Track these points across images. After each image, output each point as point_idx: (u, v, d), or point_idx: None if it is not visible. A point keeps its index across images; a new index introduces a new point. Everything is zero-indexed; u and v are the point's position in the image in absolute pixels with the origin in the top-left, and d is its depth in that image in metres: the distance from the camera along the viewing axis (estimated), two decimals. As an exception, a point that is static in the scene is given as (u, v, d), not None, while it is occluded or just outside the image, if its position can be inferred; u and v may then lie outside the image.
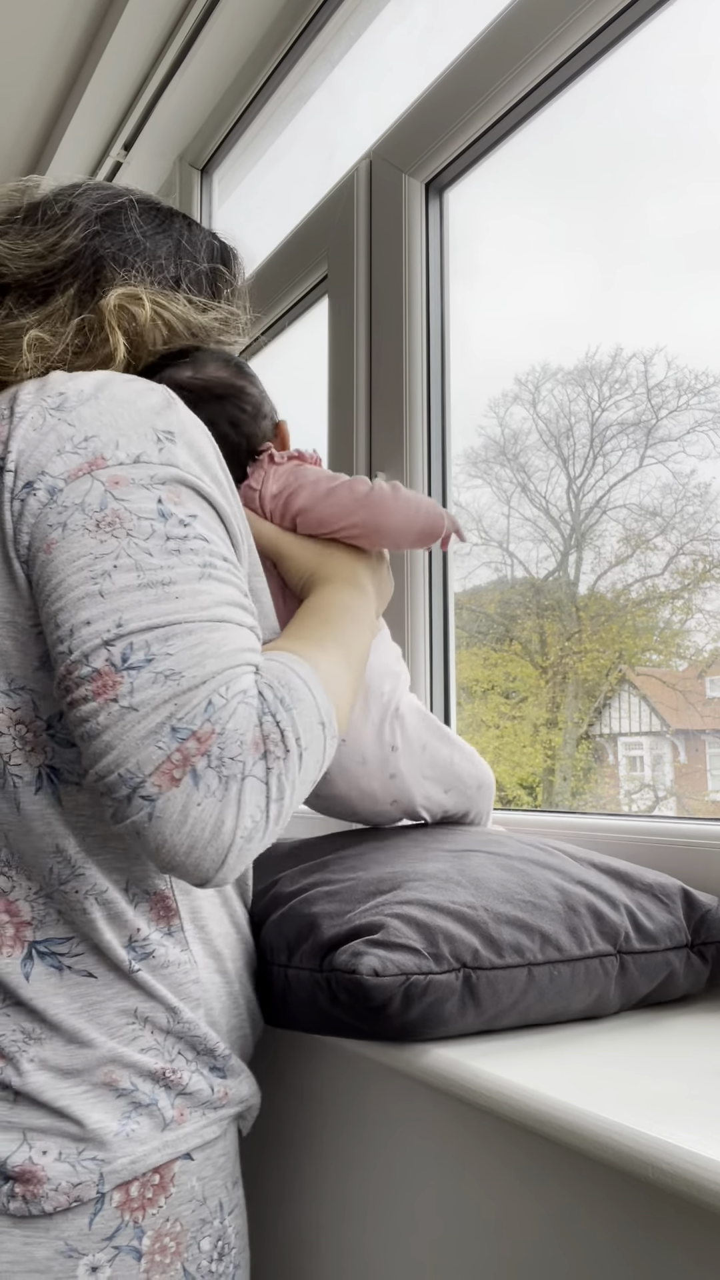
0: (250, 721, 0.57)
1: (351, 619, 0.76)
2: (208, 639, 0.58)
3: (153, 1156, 0.63)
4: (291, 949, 0.73)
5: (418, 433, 1.27)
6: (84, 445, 0.63)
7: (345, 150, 1.50)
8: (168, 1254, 0.62)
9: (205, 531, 0.63)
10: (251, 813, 0.56)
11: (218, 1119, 0.67)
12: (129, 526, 0.60)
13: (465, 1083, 0.61)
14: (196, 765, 0.54)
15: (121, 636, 0.57)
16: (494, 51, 1.18)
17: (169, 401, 0.68)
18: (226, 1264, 0.66)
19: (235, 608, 0.62)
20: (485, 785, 0.94)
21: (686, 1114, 0.54)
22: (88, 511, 0.60)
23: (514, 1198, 0.65)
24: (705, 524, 1.04)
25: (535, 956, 0.69)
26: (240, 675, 0.58)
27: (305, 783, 0.60)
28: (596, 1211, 0.59)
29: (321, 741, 0.62)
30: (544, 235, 1.26)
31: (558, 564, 1.23)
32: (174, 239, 0.84)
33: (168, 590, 0.59)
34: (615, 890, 0.77)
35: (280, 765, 0.57)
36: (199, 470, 0.66)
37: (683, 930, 0.76)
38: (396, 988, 0.64)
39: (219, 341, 0.87)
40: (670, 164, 1.09)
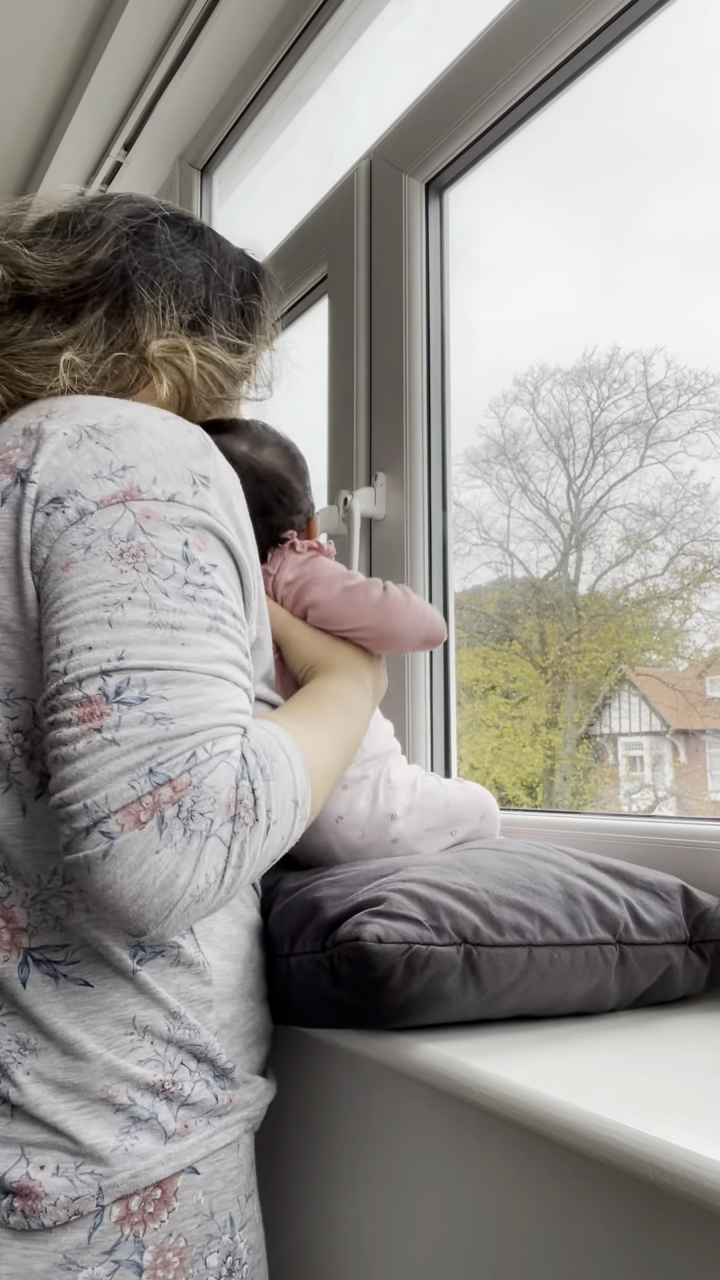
0: (228, 782, 0.56)
1: (344, 709, 0.77)
2: (205, 692, 0.58)
3: (155, 1170, 0.62)
4: (294, 936, 0.73)
5: (418, 433, 1.27)
6: (121, 474, 0.63)
7: (345, 150, 1.51)
8: (171, 1270, 0.61)
9: (222, 583, 0.64)
10: (207, 873, 0.55)
11: (224, 1126, 0.66)
12: (151, 562, 0.60)
13: (465, 1082, 0.62)
14: (165, 813, 0.53)
15: (120, 670, 0.56)
16: (494, 51, 1.18)
17: (207, 447, 0.68)
18: (238, 1279, 0.65)
19: (235, 667, 0.62)
20: (488, 812, 0.94)
21: (686, 1114, 0.54)
22: (114, 539, 0.60)
23: (514, 1197, 0.65)
24: (705, 524, 1.04)
25: (535, 938, 0.69)
26: (228, 734, 0.58)
27: (267, 856, 0.59)
28: (596, 1211, 0.59)
29: (291, 819, 0.61)
30: (543, 235, 1.26)
31: (558, 564, 1.23)
32: (203, 258, 0.84)
33: (175, 634, 0.59)
34: (615, 885, 0.77)
35: (246, 832, 0.56)
36: (227, 520, 0.66)
37: (682, 926, 0.76)
38: (399, 956, 0.64)
39: (248, 382, 0.88)
40: (671, 164, 1.09)
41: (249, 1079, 0.70)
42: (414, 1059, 0.66)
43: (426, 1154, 0.72)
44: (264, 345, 0.88)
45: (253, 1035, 0.72)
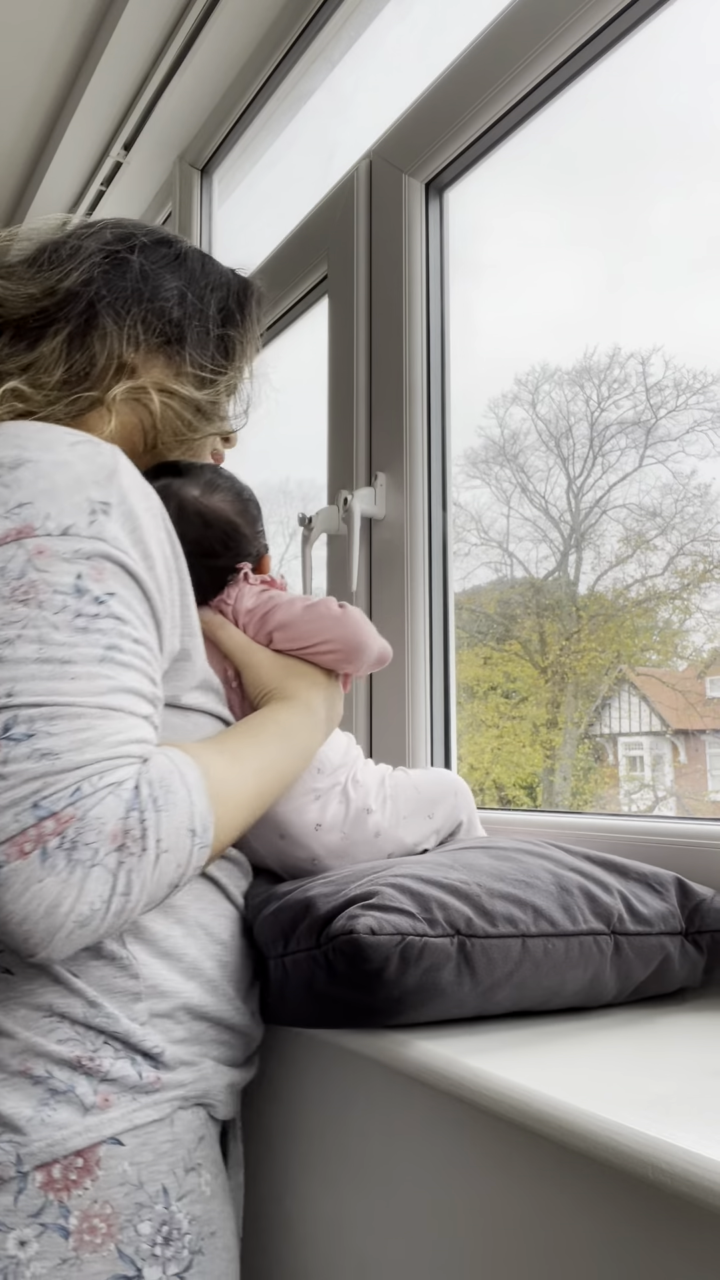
0: (115, 813, 0.58)
1: (284, 740, 0.78)
2: (95, 725, 0.60)
3: (73, 1140, 0.64)
4: (287, 936, 0.73)
5: (418, 433, 1.27)
6: (16, 512, 0.64)
7: (345, 150, 1.51)
8: (98, 1234, 0.64)
9: (121, 610, 0.65)
10: (91, 900, 0.57)
11: (152, 1103, 0.68)
12: (42, 599, 0.62)
13: (463, 1081, 0.62)
14: (48, 844, 0.56)
15: (9, 707, 0.59)
16: (494, 51, 1.18)
17: (113, 471, 0.68)
18: (178, 1248, 0.67)
19: (132, 695, 0.63)
20: (458, 789, 0.96)
21: (686, 1114, 0.54)
22: (6, 578, 0.62)
23: (513, 1197, 0.65)
24: (705, 524, 1.04)
25: (529, 928, 0.70)
26: (118, 767, 0.60)
27: (161, 884, 0.61)
28: (595, 1211, 0.59)
29: (188, 847, 0.62)
30: (543, 235, 1.26)
31: (557, 564, 1.23)
32: (181, 283, 0.84)
33: (65, 669, 0.60)
34: (608, 877, 0.78)
35: (133, 861, 0.58)
36: (128, 544, 0.67)
37: (677, 917, 0.76)
38: (393, 947, 0.64)
39: (220, 415, 0.87)
40: (672, 164, 1.09)
41: (191, 1062, 0.71)
42: (412, 1057, 0.66)
43: (424, 1153, 0.72)
44: (239, 376, 0.87)
45: (210, 1024, 0.73)
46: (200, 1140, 0.71)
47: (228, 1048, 0.75)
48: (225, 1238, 0.71)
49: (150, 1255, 0.65)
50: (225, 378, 0.85)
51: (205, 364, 0.83)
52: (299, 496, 1.65)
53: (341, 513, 1.29)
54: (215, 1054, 0.74)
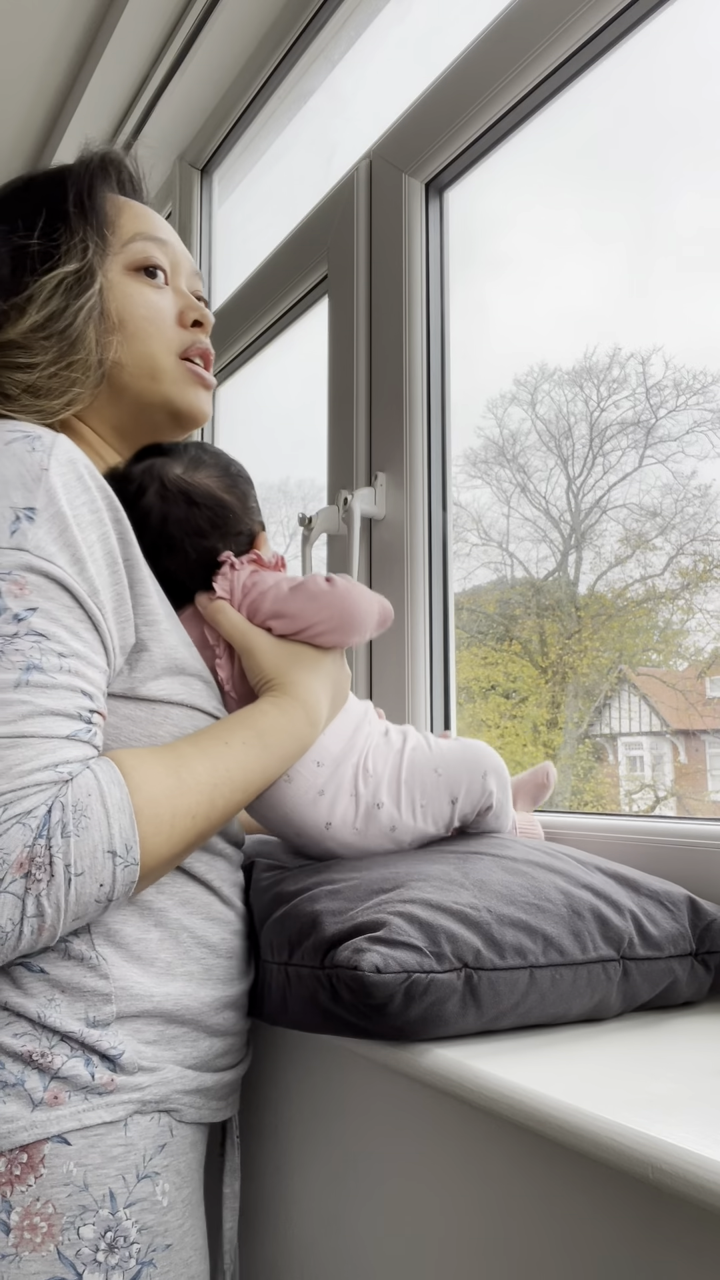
0: (20, 842, 0.60)
1: (255, 746, 0.75)
2: (3, 757, 0.61)
3: (19, 1135, 0.64)
4: (293, 946, 0.73)
5: (418, 433, 1.27)
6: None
7: (345, 150, 1.51)
8: (38, 1233, 0.63)
9: (44, 625, 0.64)
10: (1, 924, 0.59)
11: (105, 1105, 0.67)
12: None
13: (466, 1083, 0.61)
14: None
15: None
16: (494, 51, 1.18)
17: (41, 469, 0.67)
18: (123, 1257, 0.65)
19: (52, 717, 0.63)
20: (490, 768, 0.88)
21: (686, 1114, 0.54)
22: None
23: (514, 1198, 0.65)
24: (705, 524, 1.04)
25: (538, 959, 0.69)
26: (25, 797, 0.61)
27: (85, 903, 0.62)
28: (596, 1211, 0.59)
29: (109, 869, 0.63)
30: (543, 235, 1.26)
31: (557, 564, 1.23)
32: (1, 228, 0.80)
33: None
34: (621, 895, 0.77)
35: (40, 887, 0.60)
36: (55, 550, 0.66)
37: (687, 938, 0.76)
38: (398, 985, 0.64)
39: (69, 313, 0.78)
40: (672, 163, 1.09)
41: (152, 1067, 0.70)
42: (415, 1061, 0.66)
43: (425, 1154, 0.72)
44: (64, 265, 0.78)
45: (182, 1028, 0.72)
46: (161, 1148, 0.69)
47: (202, 1052, 0.74)
48: (185, 1252, 0.69)
49: (92, 1260, 0.64)
50: (32, 291, 0.77)
51: (19, 291, 0.77)
52: (299, 496, 1.65)
53: (341, 513, 1.29)
54: (186, 1059, 0.73)
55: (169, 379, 0.84)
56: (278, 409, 1.75)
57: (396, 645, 1.25)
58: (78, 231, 0.80)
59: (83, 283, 0.78)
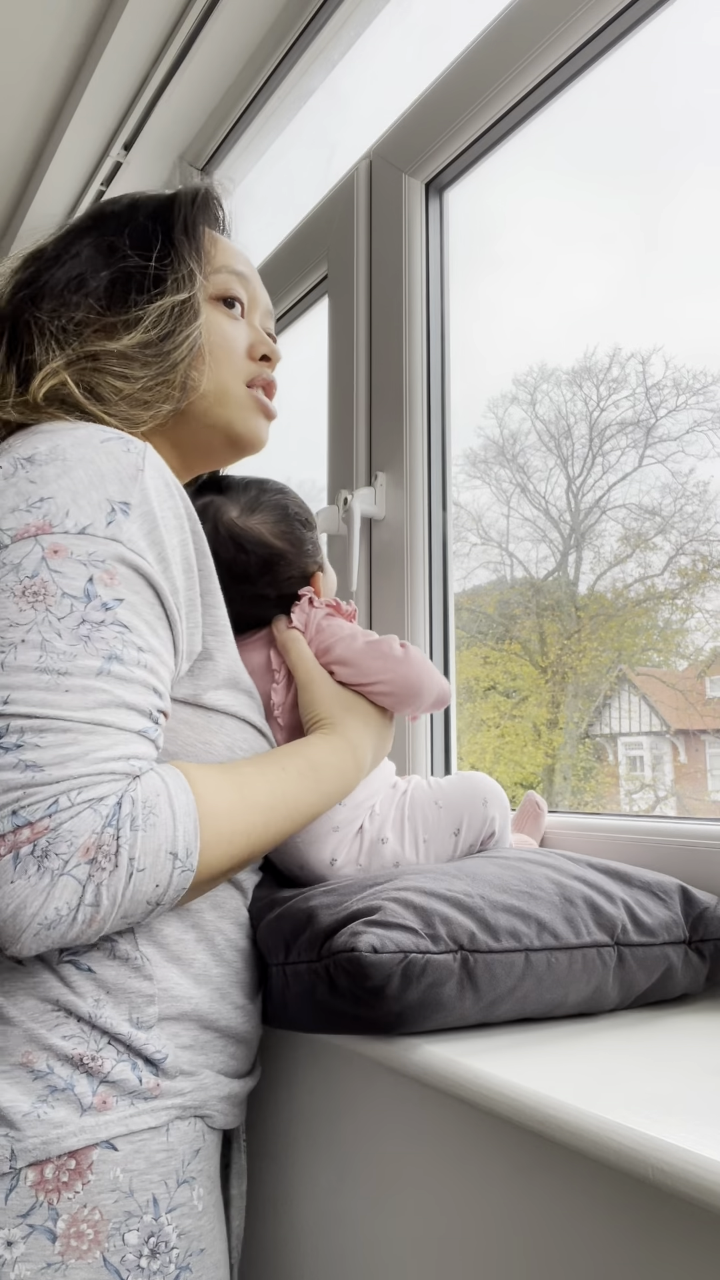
0: (89, 828, 0.60)
1: (309, 778, 0.76)
2: (80, 741, 0.61)
3: (68, 1140, 0.63)
4: (289, 945, 0.73)
5: (418, 433, 1.27)
6: (38, 505, 0.65)
7: (345, 150, 1.51)
8: (85, 1240, 0.63)
9: (128, 617, 0.65)
10: (58, 906, 0.59)
11: (150, 1110, 0.67)
12: (50, 602, 0.63)
13: (465, 1082, 0.62)
14: (21, 850, 0.58)
15: (3, 715, 0.60)
16: (494, 51, 1.18)
17: (137, 471, 0.69)
18: (164, 1262, 0.66)
19: (127, 710, 0.64)
20: (489, 797, 0.89)
21: (686, 1114, 0.54)
22: (20, 575, 0.63)
23: (514, 1197, 0.65)
24: (705, 524, 1.04)
25: (532, 942, 0.69)
26: (99, 783, 0.61)
27: (137, 902, 0.62)
28: (596, 1211, 0.59)
29: (168, 870, 0.63)
30: (542, 236, 1.26)
31: (557, 564, 1.23)
32: (96, 242, 0.81)
33: (61, 680, 0.62)
34: (612, 886, 0.77)
35: (103, 876, 0.60)
36: (145, 547, 0.67)
37: (681, 926, 0.76)
38: (395, 965, 0.64)
39: (171, 336, 0.80)
40: (673, 163, 1.09)
41: (191, 1072, 0.70)
42: (413, 1059, 0.66)
43: (425, 1154, 0.72)
44: (173, 294, 0.80)
45: (215, 1033, 0.73)
46: (196, 1153, 0.70)
47: (230, 1058, 0.75)
48: (215, 1255, 0.70)
49: (136, 1267, 0.64)
50: (147, 310, 0.79)
51: (124, 307, 0.79)
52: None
53: (341, 513, 1.29)
54: (216, 1064, 0.73)
55: (235, 404, 0.86)
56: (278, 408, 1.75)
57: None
58: (187, 261, 0.82)
59: (188, 313, 0.81)
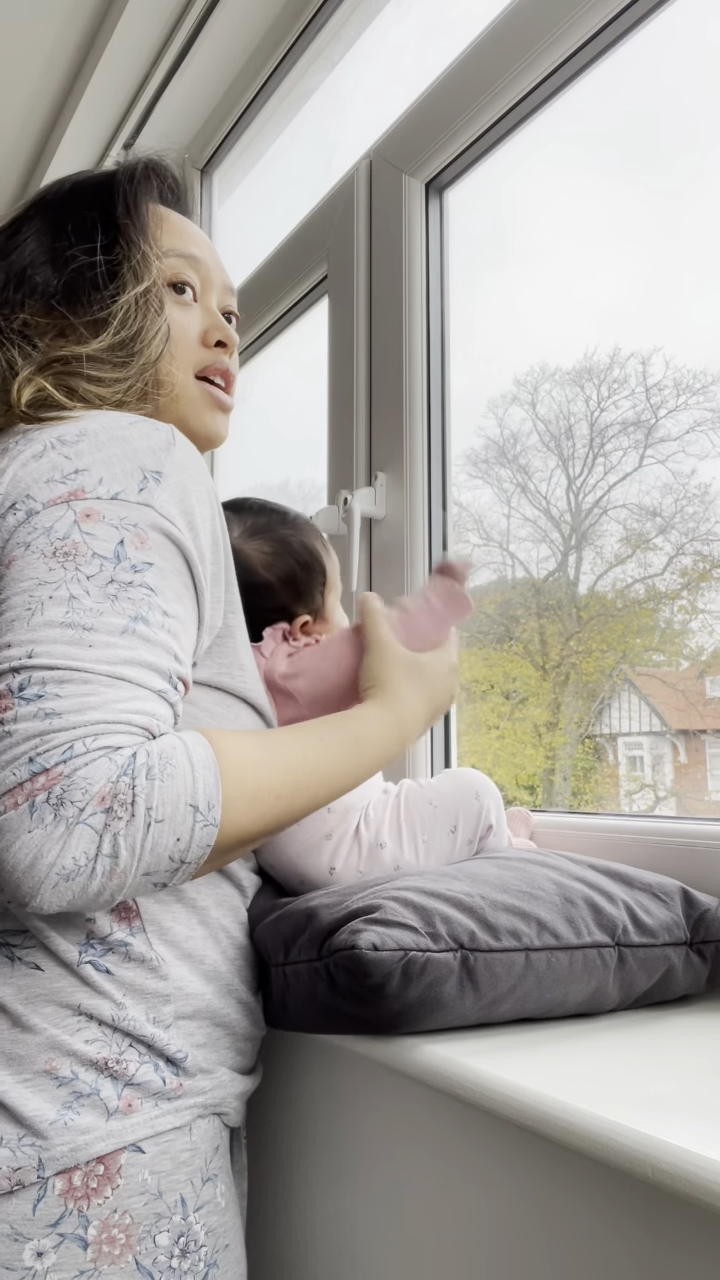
0: (104, 775, 0.58)
1: (355, 754, 0.73)
2: (100, 692, 0.60)
3: (96, 1146, 0.63)
4: (289, 945, 0.73)
5: (418, 433, 1.27)
6: (72, 476, 0.66)
7: (345, 150, 1.51)
8: (117, 1245, 0.63)
9: (155, 581, 0.65)
10: (75, 855, 0.57)
11: (173, 1110, 0.67)
12: (79, 561, 0.63)
13: (464, 1082, 0.62)
14: (36, 798, 0.57)
15: (26, 668, 0.60)
16: (494, 51, 1.18)
17: (169, 444, 0.69)
18: (194, 1261, 0.66)
19: (147, 670, 0.63)
20: (482, 790, 0.90)
21: (686, 1114, 0.54)
22: (51, 537, 0.64)
23: (514, 1197, 0.65)
24: (705, 524, 1.04)
25: (532, 942, 0.69)
26: (115, 732, 0.60)
27: (158, 855, 0.59)
28: (596, 1211, 0.59)
29: (189, 824, 0.60)
30: (543, 235, 1.26)
31: (558, 564, 1.23)
32: (38, 240, 0.79)
33: (85, 635, 0.61)
34: (613, 887, 0.77)
35: (120, 825, 0.57)
36: (176, 514, 0.67)
37: (681, 927, 0.76)
38: (395, 963, 0.64)
39: (143, 342, 0.77)
40: (674, 162, 1.09)
41: (209, 1069, 0.70)
42: (413, 1059, 0.66)
43: (425, 1154, 0.72)
44: (134, 285, 0.77)
45: (224, 1030, 0.73)
46: (216, 1150, 0.70)
47: (238, 1054, 0.75)
48: (237, 1250, 0.71)
49: (168, 1268, 0.64)
50: (114, 308, 0.76)
51: (88, 308, 0.76)
52: (299, 496, 1.65)
53: (341, 513, 1.29)
54: (228, 1061, 0.73)
55: (185, 400, 0.83)
56: (278, 409, 1.75)
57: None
58: (139, 244, 0.79)
59: (154, 304, 0.78)
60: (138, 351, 0.77)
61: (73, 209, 0.81)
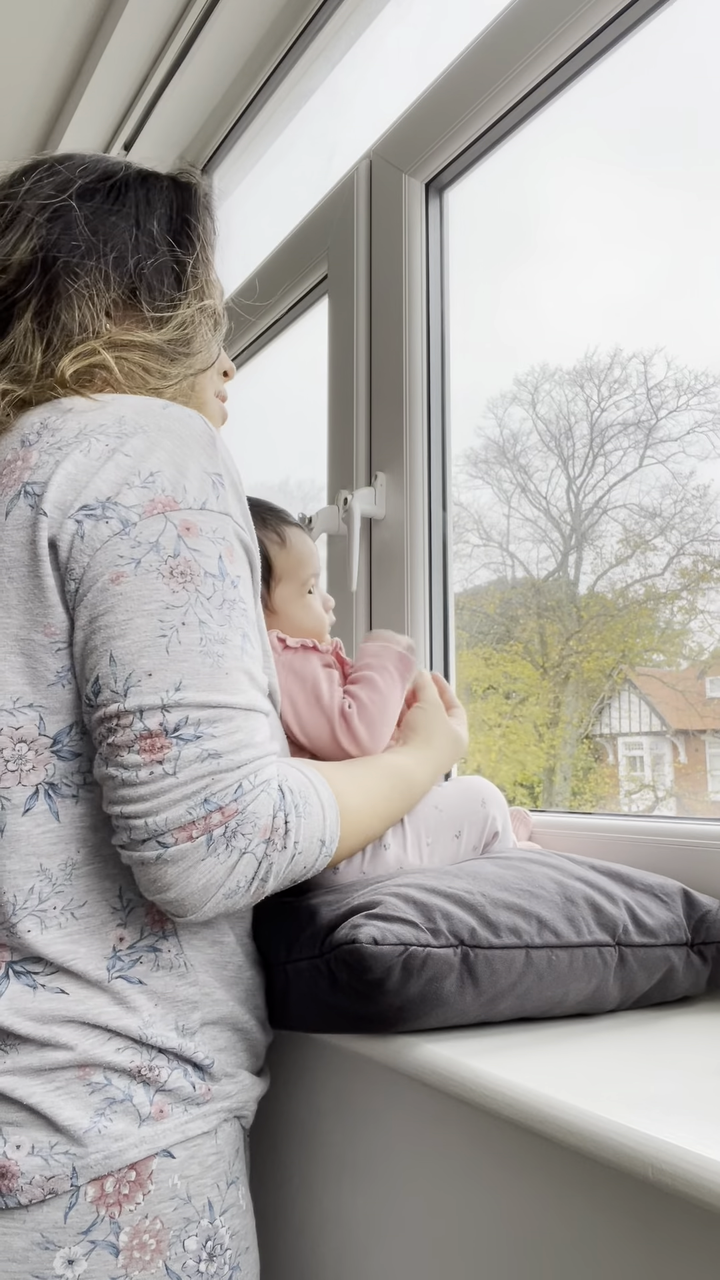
0: (268, 811, 0.63)
1: (403, 793, 0.82)
2: (243, 727, 0.64)
3: (129, 1152, 0.63)
4: (290, 943, 0.73)
5: (418, 433, 1.27)
6: (151, 481, 0.66)
7: (345, 150, 1.51)
8: (147, 1251, 0.63)
9: (246, 594, 0.68)
10: (239, 880, 0.62)
11: (202, 1114, 0.67)
12: (197, 582, 0.65)
13: (464, 1081, 0.62)
14: (214, 832, 0.61)
15: (180, 705, 0.62)
16: (494, 51, 1.18)
17: (211, 435, 0.70)
18: (220, 1265, 0.66)
19: (260, 694, 0.67)
20: (487, 797, 0.90)
21: (686, 1114, 0.54)
22: (162, 554, 0.64)
23: (514, 1197, 0.65)
24: (705, 524, 1.04)
25: (533, 939, 0.70)
26: (265, 766, 0.65)
27: (289, 878, 0.66)
28: (596, 1211, 0.59)
29: (315, 855, 0.67)
30: (542, 235, 1.26)
31: (558, 564, 1.23)
32: (129, 216, 0.79)
33: (220, 664, 0.64)
34: (614, 888, 0.77)
35: (276, 855, 0.64)
36: (241, 517, 0.70)
37: (682, 928, 0.76)
38: (395, 958, 0.64)
39: (192, 351, 0.80)
40: (674, 162, 1.09)
41: (232, 1074, 0.71)
42: (414, 1059, 0.66)
43: (426, 1154, 0.72)
44: (198, 300, 0.80)
45: (241, 1035, 0.73)
46: (237, 1153, 0.71)
47: (256, 1058, 0.75)
48: (255, 1251, 0.71)
49: (196, 1272, 0.64)
50: (180, 310, 0.78)
51: (160, 301, 0.78)
52: (299, 496, 1.65)
53: (341, 513, 1.29)
54: (246, 1064, 0.74)
55: (210, 415, 0.87)
56: (278, 409, 1.75)
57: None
58: (213, 266, 0.84)
59: (209, 318, 0.82)
60: (193, 354, 0.79)
61: (158, 204, 0.82)
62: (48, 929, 0.65)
